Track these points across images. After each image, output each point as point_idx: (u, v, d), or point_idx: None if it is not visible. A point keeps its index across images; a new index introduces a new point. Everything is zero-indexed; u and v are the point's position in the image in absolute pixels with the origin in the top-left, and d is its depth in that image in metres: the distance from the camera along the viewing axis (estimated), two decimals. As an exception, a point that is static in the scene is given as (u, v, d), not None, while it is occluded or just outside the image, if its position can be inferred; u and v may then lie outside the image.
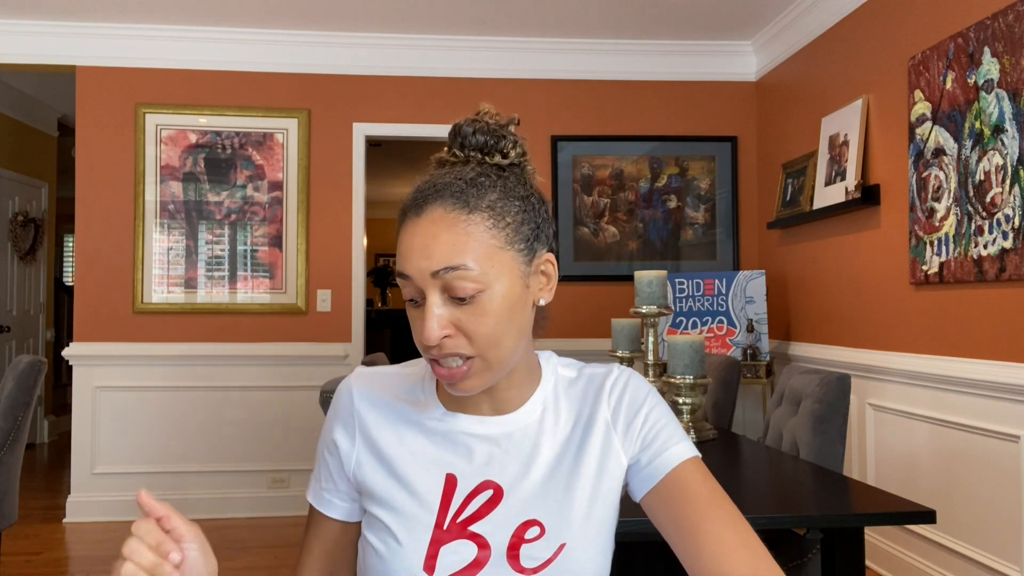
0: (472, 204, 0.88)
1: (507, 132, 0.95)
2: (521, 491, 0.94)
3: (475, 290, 0.86)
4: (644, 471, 0.96)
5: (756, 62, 4.65)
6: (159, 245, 4.38)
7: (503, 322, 0.88)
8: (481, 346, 0.88)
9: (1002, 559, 2.67)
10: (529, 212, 0.92)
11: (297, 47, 4.44)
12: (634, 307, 2.61)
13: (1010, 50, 2.59)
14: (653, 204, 4.65)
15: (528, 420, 0.98)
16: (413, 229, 0.88)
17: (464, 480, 0.95)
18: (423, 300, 0.88)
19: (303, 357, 4.43)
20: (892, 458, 3.28)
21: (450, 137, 0.96)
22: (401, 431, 0.98)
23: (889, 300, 3.32)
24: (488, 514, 0.93)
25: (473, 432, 0.97)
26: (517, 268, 0.90)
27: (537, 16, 4.18)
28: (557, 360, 1.04)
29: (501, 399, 0.97)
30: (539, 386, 1.00)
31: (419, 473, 0.96)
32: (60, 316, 7.27)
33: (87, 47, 4.34)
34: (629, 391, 0.99)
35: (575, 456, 0.96)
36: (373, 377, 1.03)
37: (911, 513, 1.69)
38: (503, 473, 0.95)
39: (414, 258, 0.87)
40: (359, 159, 4.52)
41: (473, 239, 0.87)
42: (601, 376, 1.01)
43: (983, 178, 2.71)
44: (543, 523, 0.93)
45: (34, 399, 2.65)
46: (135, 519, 0.77)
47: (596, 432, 0.97)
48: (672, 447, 0.95)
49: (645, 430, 0.97)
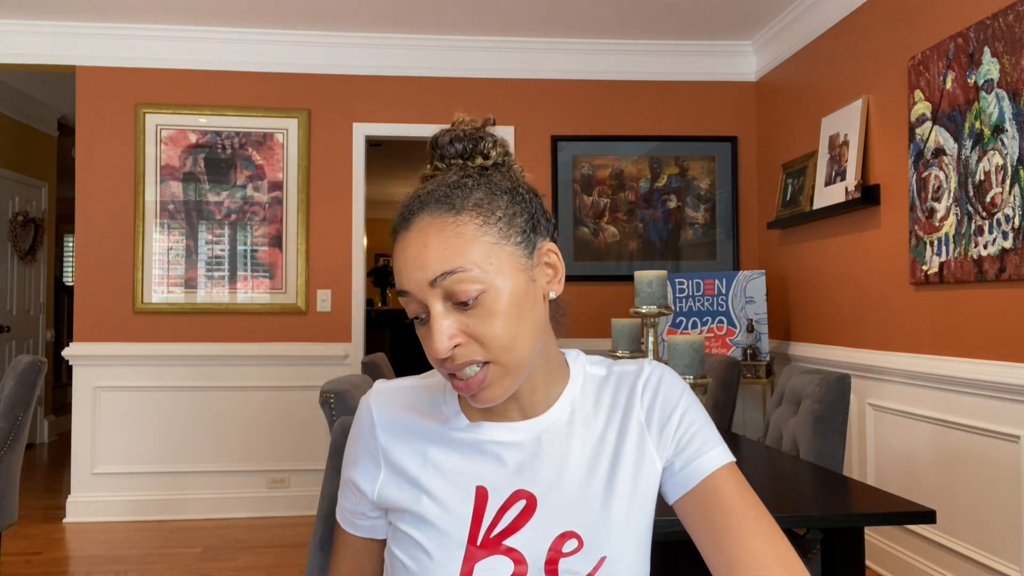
0: (458, 205, 0.85)
1: (484, 134, 0.93)
2: (556, 500, 0.91)
3: (477, 291, 0.83)
4: (678, 475, 0.92)
5: (756, 62, 4.65)
6: (159, 245, 4.38)
7: (513, 321, 0.85)
8: (495, 350, 0.84)
9: (1002, 559, 2.67)
10: (520, 204, 0.89)
11: (297, 47, 4.44)
12: (634, 307, 2.61)
13: (1010, 50, 2.59)
14: (653, 204, 4.65)
15: (558, 422, 0.94)
16: (404, 244, 0.86)
17: (496, 492, 0.91)
18: (427, 314, 0.85)
19: (303, 357, 4.43)
20: (892, 458, 3.28)
21: (429, 152, 0.94)
22: (425, 448, 0.94)
23: (889, 300, 3.32)
24: (523, 526, 0.89)
25: (500, 440, 0.93)
26: (518, 262, 0.87)
27: (537, 16, 4.18)
28: (585, 358, 1.00)
29: (527, 402, 0.93)
30: (567, 386, 0.96)
31: (448, 488, 0.92)
32: (60, 316, 7.27)
33: (87, 47, 4.34)
34: (663, 390, 0.95)
35: (611, 462, 0.93)
36: (392, 394, 0.99)
37: (911, 513, 1.69)
38: (536, 480, 0.91)
39: (409, 271, 0.84)
40: (359, 159, 4.52)
41: (465, 239, 0.84)
42: (633, 374, 0.97)
43: (983, 178, 2.71)
44: (581, 535, 0.89)
45: (34, 399, 2.65)
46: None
47: (631, 435, 0.93)
48: (707, 452, 0.92)
49: (680, 432, 0.93)
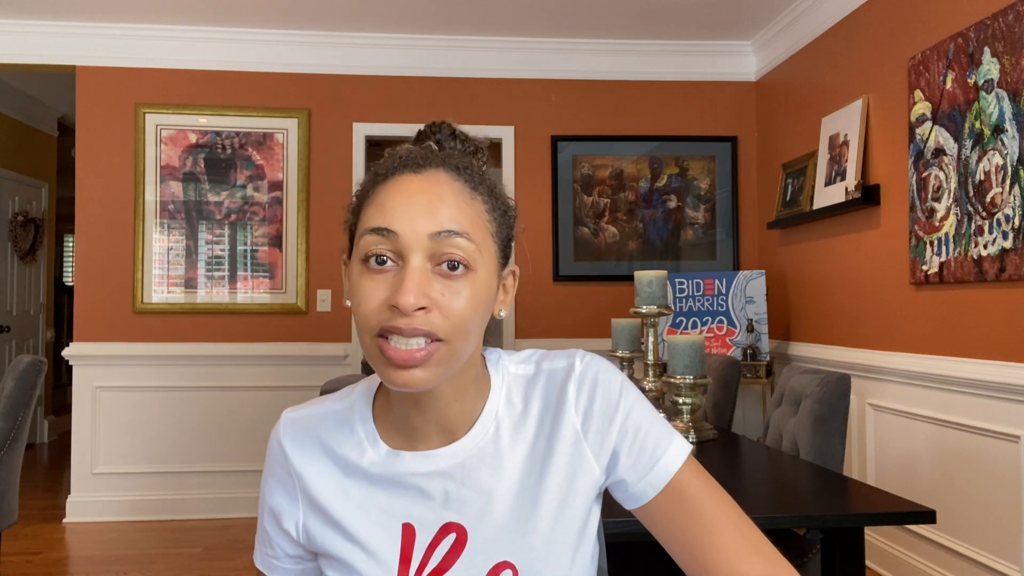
0: (475, 182, 0.83)
1: (482, 147, 0.91)
2: (487, 530, 0.85)
3: (465, 262, 0.79)
4: (636, 487, 0.87)
5: (756, 62, 4.65)
6: (159, 245, 4.38)
7: (476, 309, 0.80)
8: (452, 328, 0.78)
9: (1002, 559, 2.67)
10: (509, 219, 0.87)
11: (297, 47, 4.44)
12: (634, 307, 2.61)
13: (1010, 50, 2.59)
14: (653, 204, 4.65)
15: (482, 443, 0.86)
16: (412, 185, 0.80)
17: (423, 528, 0.85)
18: (399, 262, 0.78)
19: (303, 357, 4.43)
20: (892, 458, 3.28)
21: (424, 132, 0.91)
22: (344, 484, 0.88)
23: (889, 300, 3.32)
24: (454, 563, 0.84)
25: (422, 471, 0.86)
26: (494, 265, 0.84)
27: (538, 16, 4.18)
28: (508, 358, 0.91)
29: (448, 416, 0.86)
30: (489, 398, 0.88)
31: (372, 529, 0.86)
32: (60, 316, 7.27)
33: (87, 47, 4.34)
34: (600, 391, 0.87)
35: (543, 479, 0.86)
36: (304, 422, 0.92)
37: (911, 513, 1.69)
38: (464, 511, 0.85)
39: (410, 214, 0.78)
40: (359, 159, 4.52)
41: (476, 214, 0.81)
42: (562, 372, 0.88)
43: (983, 178, 2.71)
44: (515, 564, 0.84)
45: (34, 399, 2.65)
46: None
47: (561, 444, 0.86)
48: (662, 457, 0.86)
49: (629, 440, 0.87)
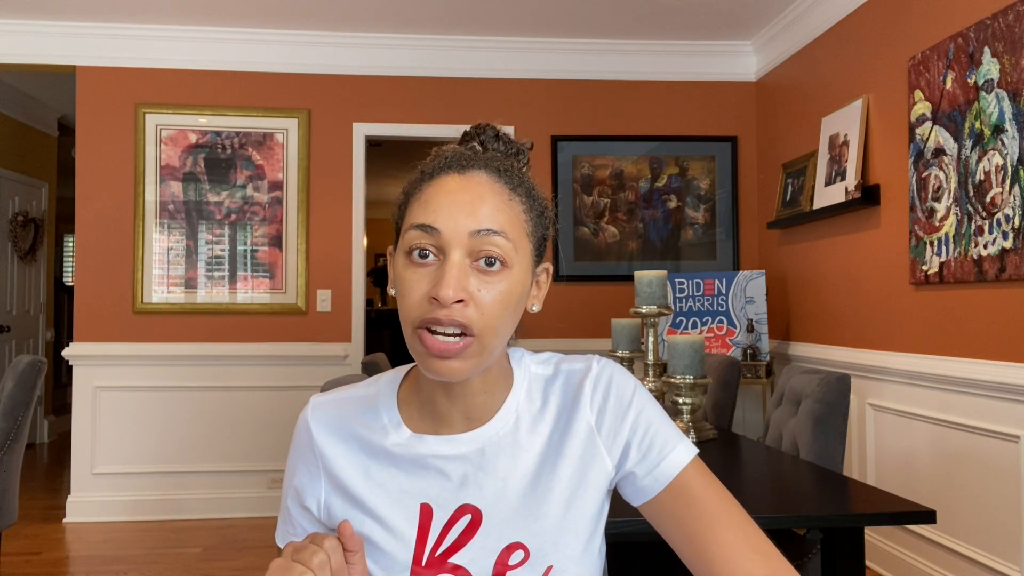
0: (513, 184, 0.88)
1: (524, 149, 0.96)
2: (501, 512, 0.90)
3: (502, 259, 0.84)
4: (643, 481, 0.91)
5: (756, 62, 4.64)
6: (159, 245, 4.38)
7: (509, 306, 0.85)
8: (485, 323, 0.83)
9: (1002, 559, 2.67)
10: (545, 220, 0.93)
11: (297, 47, 4.44)
12: (634, 307, 2.61)
13: (1010, 50, 2.59)
14: (653, 204, 4.65)
15: (501, 431, 0.92)
16: (451, 185, 0.86)
17: (440, 508, 0.90)
18: (440, 257, 0.84)
19: (303, 357, 4.42)
20: (892, 458, 3.28)
21: (468, 135, 0.96)
22: (367, 464, 0.93)
23: (889, 300, 3.31)
24: (468, 542, 0.89)
25: (443, 454, 0.91)
26: (529, 263, 0.89)
27: (537, 16, 4.18)
28: (530, 358, 0.98)
29: (473, 406, 0.91)
30: (511, 393, 0.94)
31: (391, 507, 0.91)
32: (60, 316, 7.27)
33: (87, 47, 4.34)
34: (614, 391, 0.93)
35: (558, 468, 0.91)
36: (332, 406, 0.97)
37: (911, 513, 1.69)
38: (481, 494, 0.90)
39: (452, 212, 0.84)
40: (359, 159, 4.52)
41: (514, 215, 0.87)
42: (580, 373, 0.95)
43: (983, 178, 2.71)
44: (527, 545, 0.89)
45: (34, 399, 2.65)
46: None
47: (575, 438, 0.92)
48: (670, 453, 0.91)
49: (639, 437, 0.92)
